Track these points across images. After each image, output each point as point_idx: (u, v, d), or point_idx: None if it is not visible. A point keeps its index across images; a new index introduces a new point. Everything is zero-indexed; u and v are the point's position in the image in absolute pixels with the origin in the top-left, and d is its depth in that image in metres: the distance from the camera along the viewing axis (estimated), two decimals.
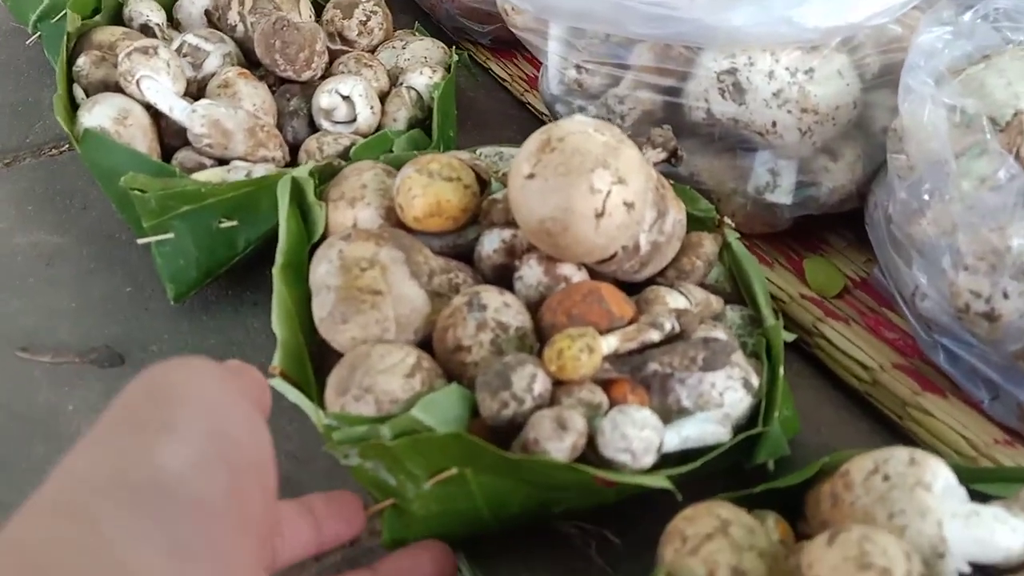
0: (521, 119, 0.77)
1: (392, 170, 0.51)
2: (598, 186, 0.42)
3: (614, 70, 0.59)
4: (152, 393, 0.28)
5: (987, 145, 0.44)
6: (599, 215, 0.42)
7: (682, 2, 0.53)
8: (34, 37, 0.73)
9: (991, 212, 0.42)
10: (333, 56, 0.66)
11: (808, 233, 0.61)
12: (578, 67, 0.61)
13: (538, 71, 0.80)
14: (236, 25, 0.65)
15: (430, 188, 0.47)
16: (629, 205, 0.43)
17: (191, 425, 0.27)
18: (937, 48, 0.49)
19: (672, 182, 0.52)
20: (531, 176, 0.43)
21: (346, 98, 0.60)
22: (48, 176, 0.67)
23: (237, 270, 0.57)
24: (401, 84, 0.64)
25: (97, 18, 0.65)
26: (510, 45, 0.82)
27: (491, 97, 0.79)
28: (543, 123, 0.75)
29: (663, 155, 0.53)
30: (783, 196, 0.58)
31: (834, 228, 0.62)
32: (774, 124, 0.54)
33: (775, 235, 0.61)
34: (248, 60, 0.66)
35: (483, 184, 0.51)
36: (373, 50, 0.69)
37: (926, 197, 0.47)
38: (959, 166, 0.45)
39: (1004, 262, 0.41)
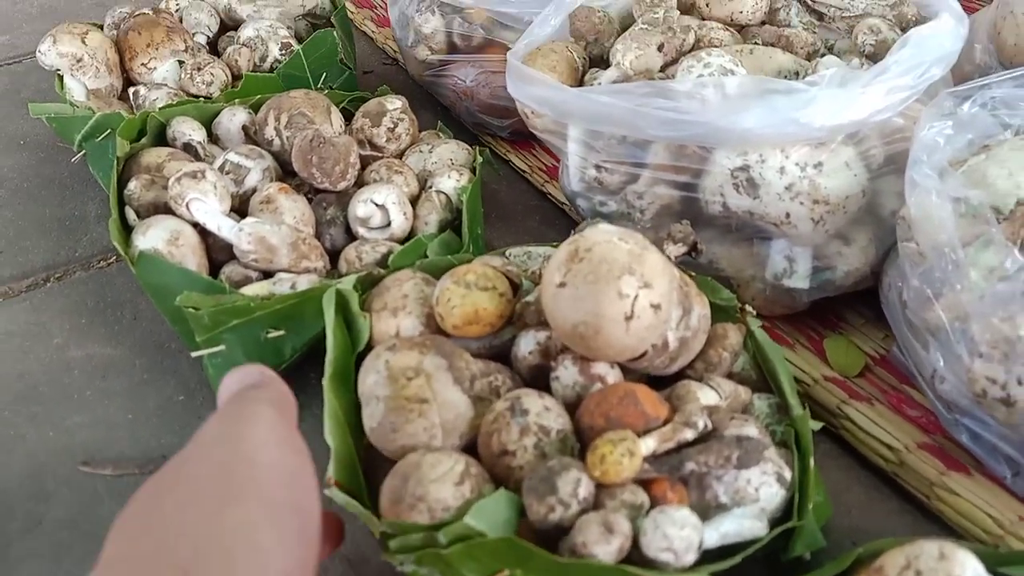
0: (543, 209, 0.80)
1: (430, 279, 0.55)
2: (626, 291, 0.45)
3: (632, 168, 0.63)
4: (221, 468, 0.34)
5: (992, 236, 0.47)
6: (628, 318, 0.45)
7: (694, 106, 0.57)
8: (79, 155, 0.78)
9: (1001, 302, 0.44)
10: (364, 162, 0.70)
11: (826, 312, 0.64)
12: (597, 166, 0.64)
13: (556, 161, 0.84)
14: (273, 139, 0.69)
15: (468, 298, 0.50)
16: (656, 307, 0.46)
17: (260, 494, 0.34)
18: (938, 143, 0.52)
19: (693, 273, 0.55)
20: (562, 285, 0.46)
21: (380, 206, 0.63)
22: (98, 288, 0.71)
23: (282, 375, 0.60)
24: (430, 188, 0.68)
25: (143, 140, 0.69)
26: (528, 137, 0.85)
27: (513, 188, 0.83)
28: (564, 213, 0.79)
29: (683, 249, 0.56)
30: (800, 281, 0.60)
31: (851, 305, 0.65)
32: (788, 216, 0.57)
33: (794, 315, 0.63)
34: (284, 170, 0.70)
35: (515, 287, 0.54)
36: (401, 154, 0.73)
37: (938, 285, 0.49)
38: (967, 256, 0.48)
39: (1016, 350, 0.44)
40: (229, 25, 0.89)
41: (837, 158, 0.57)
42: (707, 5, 0.68)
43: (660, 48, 0.64)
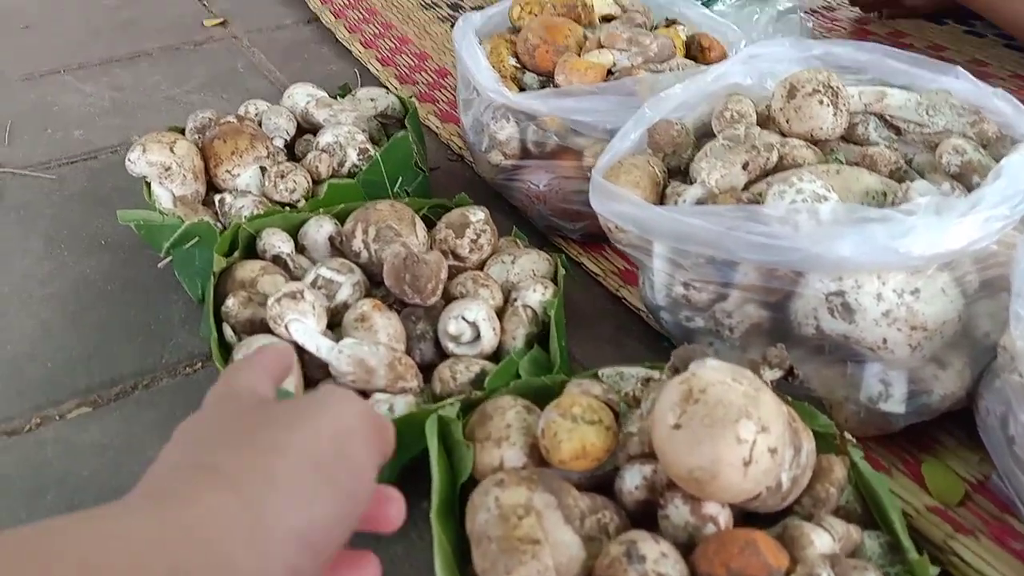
0: (618, 314, 0.80)
1: (532, 406, 0.55)
2: (744, 436, 0.45)
3: (720, 287, 0.63)
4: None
5: None
6: (747, 463, 0.45)
7: (787, 231, 0.57)
8: (165, 260, 0.80)
9: None
10: (448, 273, 0.71)
11: (920, 433, 0.63)
12: (685, 284, 0.65)
13: (629, 264, 0.84)
14: (361, 252, 0.71)
15: (575, 433, 0.51)
16: (773, 451, 0.46)
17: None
18: None
19: (789, 398, 0.56)
20: (677, 427, 0.46)
21: (471, 323, 0.64)
22: (186, 397, 0.72)
23: None
24: (515, 301, 0.69)
25: (235, 254, 0.71)
26: (599, 239, 0.86)
27: (587, 292, 0.83)
28: (640, 319, 0.79)
29: (779, 374, 0.56)
30: (896, 406, 0.60)
31: (943, 426, 0.64)
32: (885, 341, 0.57)
33: (887, 436, 0.63)
34: (372, 281, 0.71)
35: (616, 415, 0.54)
36: (483, 264, 0.74)
37: None
38: None
39: None
40: (305, 128, 0.92)
41: (934, 284, 0.57)
42: (787, 121, 0.69)
43: (745, 167, 0.65)
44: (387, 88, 1.19)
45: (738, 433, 0.45)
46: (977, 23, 1.30)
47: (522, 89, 0.88)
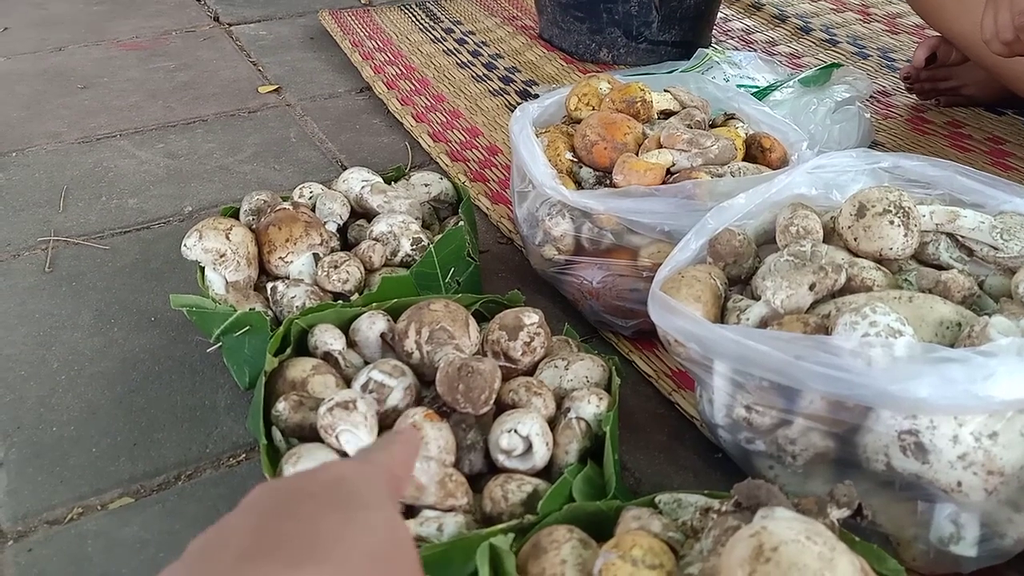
0: (670, 419, 0.78)
1: (588, 540, 0.53)
2: None
3: (784, 413, 0.61)
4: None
5: None
6: None
7: (859, 365, 0.55)
8: (215, 346, 0.79)
9: None
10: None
11: (990, 571, 0.60)
12: (747, 407, 0.63)
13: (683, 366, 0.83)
14: (413, 352, 0.70)
15: None
16: None
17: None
18: None
19: (857, 539, 0.53)
20: None
21: (524, 437, 0.63)
22: (229, 492, 0.71)
23: None
24: (569, 412, 0.67)
25: (287, 351, 0.70)
26: (651, 335, 0.85)
27: (637, 393, 0.81)
28: (694, 426, 0.77)
29: (847, 513, 0.54)
30: (968, 549, 0.57)
31: (1014, 564, 0.61)
32: (959, 484, 0.55)
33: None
34: (422, 381, 0.70)
35: (676, 553, 0.52)
36: (535, 366, 0.73)
37: None
38: None
39: None
40: (359, 212, 0.92)
41: (1012, 428, 0.55)
42: (855, 239, 0.68)
43: (812, 287, 0.63)
44: (439, 165, 1.19)
45: None
46: None
47: (578, 183, 0.87)
